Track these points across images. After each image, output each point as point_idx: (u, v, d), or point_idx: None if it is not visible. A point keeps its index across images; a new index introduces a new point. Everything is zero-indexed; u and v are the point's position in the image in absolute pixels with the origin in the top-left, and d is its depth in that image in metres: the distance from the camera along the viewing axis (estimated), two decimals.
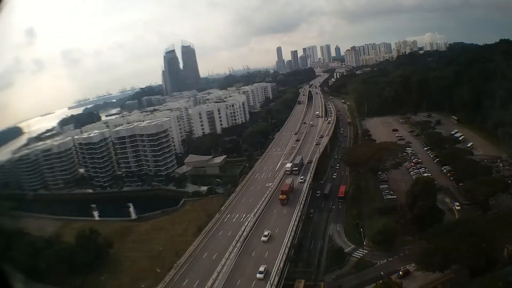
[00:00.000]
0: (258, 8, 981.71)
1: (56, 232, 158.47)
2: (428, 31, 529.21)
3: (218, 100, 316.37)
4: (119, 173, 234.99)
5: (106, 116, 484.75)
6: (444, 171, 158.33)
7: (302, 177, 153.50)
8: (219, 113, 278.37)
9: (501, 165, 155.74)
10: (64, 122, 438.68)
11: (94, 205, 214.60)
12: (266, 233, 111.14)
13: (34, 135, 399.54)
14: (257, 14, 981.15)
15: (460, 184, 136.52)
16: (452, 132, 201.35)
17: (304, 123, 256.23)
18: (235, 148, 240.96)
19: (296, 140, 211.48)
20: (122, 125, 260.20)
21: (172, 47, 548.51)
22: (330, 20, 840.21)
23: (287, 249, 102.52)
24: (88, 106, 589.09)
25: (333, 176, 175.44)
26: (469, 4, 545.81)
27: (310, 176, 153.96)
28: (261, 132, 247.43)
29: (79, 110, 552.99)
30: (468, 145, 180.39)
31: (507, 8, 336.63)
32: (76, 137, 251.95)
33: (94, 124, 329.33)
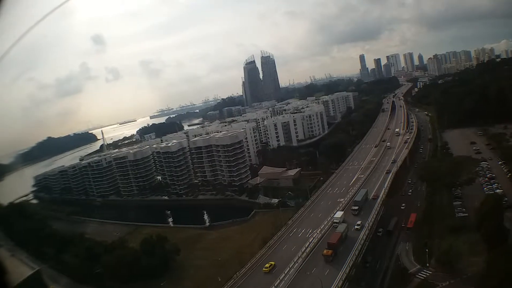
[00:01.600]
0: (337, 17, 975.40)
1: (122, 237, 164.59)
2: (504, 38, 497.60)
3: (295, 111, 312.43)
4: (195, 181, 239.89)
5: (189, 125, 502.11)
6: None
7: (359, 222, 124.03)
8: (295, 124, 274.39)
9: None
10: (144, 131, 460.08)
11: (168, 212, 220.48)
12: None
13: (110, 141, 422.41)
14: (337, 22, 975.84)
15: None
16: None
17: (383, 140, 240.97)
18: (311, 160, 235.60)
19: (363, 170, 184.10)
20: (201, 135, 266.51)
21: (252, 58, 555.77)
22: (411, 27, 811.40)
23: (348, 268, 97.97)
24: (171, 116, 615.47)
25: (408, 193, 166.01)
26: None
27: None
28: (338, 144, 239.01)
29: (161, 119, 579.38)
30: None
31: None
32: (154, 146, 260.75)
33: (175, 133, 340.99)
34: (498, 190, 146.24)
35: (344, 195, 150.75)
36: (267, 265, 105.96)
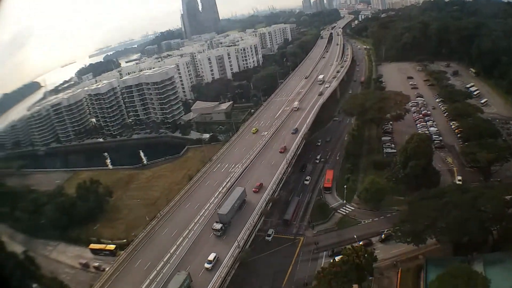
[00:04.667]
0: None
1: (60, 185, 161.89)
2: None
3: (230, 44, 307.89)
4: (128, 121, 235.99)
5: (126, 62, 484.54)
6: (453, 127, 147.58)
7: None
8: (229, 58, 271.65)
9: None
10: (82, 72, 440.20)
11: (105, 154, 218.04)
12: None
13: (52, 87, 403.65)
14: None
15: (466, 143, 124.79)
16: (468, 86, 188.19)
17: (315, 71, 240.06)
18: (244, 93, 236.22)
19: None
20: (134, 72, 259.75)
21: None
22: None
23: (264, 203, 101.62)
24: (109, 54, 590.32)
25: (339, 120, 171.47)
26: None
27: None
28: (271, 76, 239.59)
29: (100, 58, 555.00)
30: (482, 101, 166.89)
31: None
32: (86, 88, 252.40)
33: (109, 72, 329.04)
34: (432, 128, 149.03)
35: (268, 128, 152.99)
36: None
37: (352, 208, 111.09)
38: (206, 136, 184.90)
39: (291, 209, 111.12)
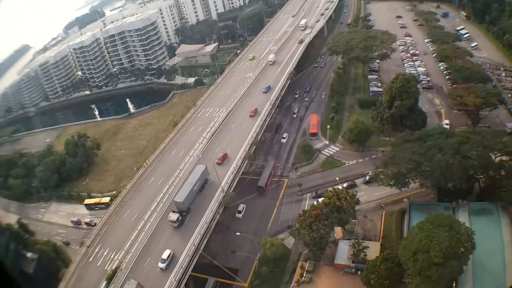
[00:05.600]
0: None
1: (50, 144, 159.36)
2: None
3: None
4: (113, 71, 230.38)
5: (111, 10, 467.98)
6: (441, 68, 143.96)
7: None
8: None
9: (503, 74, 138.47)
10: (69, 26, 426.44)
11: (92, 106, 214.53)
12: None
13: (41, 47, 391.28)
14: None
15: (454, 85, 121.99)
16: (458, 28, 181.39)
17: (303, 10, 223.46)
18: (230, 34, 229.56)
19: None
20: (117, 21, 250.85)
21: None
22: None
23: (248, 147, 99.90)
24: (94, 4, 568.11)
25: (321, 66, 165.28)
26: None
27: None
28: (258, 15, 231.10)
29: (86, 10, 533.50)
30: (473, 44, 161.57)
31: None
32: (70, 43, 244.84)
33: (94, 23, 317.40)
34: (420, 68, 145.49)
35: (254, 69, 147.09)
36: None
37: (337, 148, 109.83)
38: (192, 80, 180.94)
39: (266, 174, 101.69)
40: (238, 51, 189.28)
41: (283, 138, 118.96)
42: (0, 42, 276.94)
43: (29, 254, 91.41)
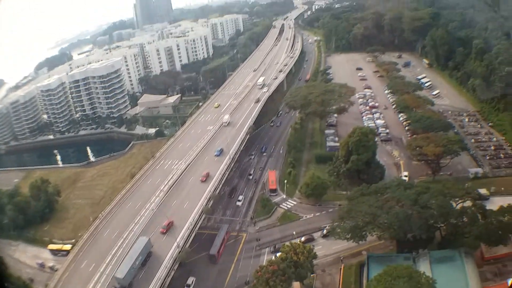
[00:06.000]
0: None
1: (17, 185, 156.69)
2: None
3: (180, 35, 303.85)
4: (75, 117, 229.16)
5: (78, 54, 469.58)
6: (401, 119, 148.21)
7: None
8: (178, 49, 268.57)
9: (466, 119, 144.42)
10: (39, 66, 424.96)
11: (55, 151, 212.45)
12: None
13: (14, 84, 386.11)
14: None
15: (414, 136, 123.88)
16: (419, 77, 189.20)
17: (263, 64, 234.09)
18: (193, 86, 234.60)
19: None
20: (83, 65, 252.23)
21: None
22: None
23: (205, 201, 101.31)
24: (63, 46, 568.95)
25: (277, 125, 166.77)
26: None
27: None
28: (221, 68, 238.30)
29: (56, 51, 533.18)
30: (434, 92, 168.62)
31: None
32: (38, 84, 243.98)
33: (61, 66, 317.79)
34: (378, 121, 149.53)
35: (213, 123, 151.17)
36: None
37: (294, 202, 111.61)
38: (152, 131, 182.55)
39: (218, 241, 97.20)
40: (200, 104, 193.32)
41: (239, 200, 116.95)
42: None
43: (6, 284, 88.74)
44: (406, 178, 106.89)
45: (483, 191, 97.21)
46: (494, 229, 73.09)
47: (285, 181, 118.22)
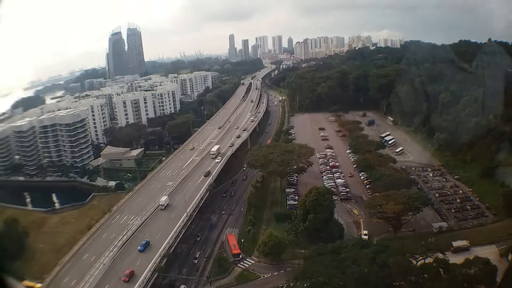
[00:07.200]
0: None
1: None
2: (386, 28, 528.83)
3: (149, 88, 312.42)
4: (43, 162, 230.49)
5: (51, 99, 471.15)
6: (362, 178, 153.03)
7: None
8: (145, 102, 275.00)
9: (430, 174, 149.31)
10: (16, 105, 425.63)
11: (25, 193, 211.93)
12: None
13: None
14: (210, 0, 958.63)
15: (375, 194, 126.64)
16: (383, 135, 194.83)
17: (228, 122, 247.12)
18: (157, 140, 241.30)
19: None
20: (53, 111, 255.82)
21: (119, 29, 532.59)
22: (286, 11, 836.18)
23: (159, 258, 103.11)
24: (39, 88, 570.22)
25: (231, 195, 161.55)
26: (430, 3, 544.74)
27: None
28: (186, 124, 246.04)
29: (31, 92, 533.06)
30: (398, 150, 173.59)
31: (467, 9, 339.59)
32: (12, 124, 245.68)
33: (34, 109, 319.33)
34: (339, 180, 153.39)
35: (174, 179, 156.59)
36: None
37: (252, 261, 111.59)
38: (112, 183, 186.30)
39: None
40: (163, 158, 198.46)
41: (195, 258, 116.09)
42: None
43: None
44: (366, 237, 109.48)
45: (462, 243, 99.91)
46: (460, 282, 74.84)
47: (242, 240, 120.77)
